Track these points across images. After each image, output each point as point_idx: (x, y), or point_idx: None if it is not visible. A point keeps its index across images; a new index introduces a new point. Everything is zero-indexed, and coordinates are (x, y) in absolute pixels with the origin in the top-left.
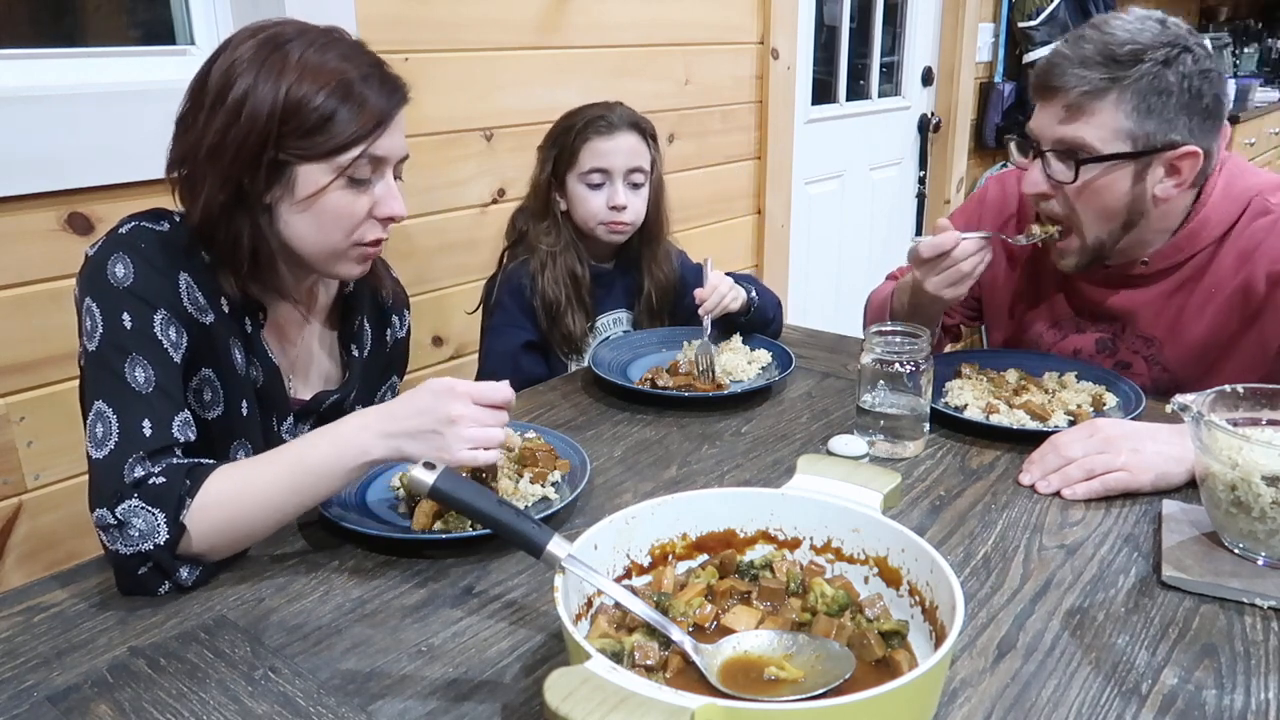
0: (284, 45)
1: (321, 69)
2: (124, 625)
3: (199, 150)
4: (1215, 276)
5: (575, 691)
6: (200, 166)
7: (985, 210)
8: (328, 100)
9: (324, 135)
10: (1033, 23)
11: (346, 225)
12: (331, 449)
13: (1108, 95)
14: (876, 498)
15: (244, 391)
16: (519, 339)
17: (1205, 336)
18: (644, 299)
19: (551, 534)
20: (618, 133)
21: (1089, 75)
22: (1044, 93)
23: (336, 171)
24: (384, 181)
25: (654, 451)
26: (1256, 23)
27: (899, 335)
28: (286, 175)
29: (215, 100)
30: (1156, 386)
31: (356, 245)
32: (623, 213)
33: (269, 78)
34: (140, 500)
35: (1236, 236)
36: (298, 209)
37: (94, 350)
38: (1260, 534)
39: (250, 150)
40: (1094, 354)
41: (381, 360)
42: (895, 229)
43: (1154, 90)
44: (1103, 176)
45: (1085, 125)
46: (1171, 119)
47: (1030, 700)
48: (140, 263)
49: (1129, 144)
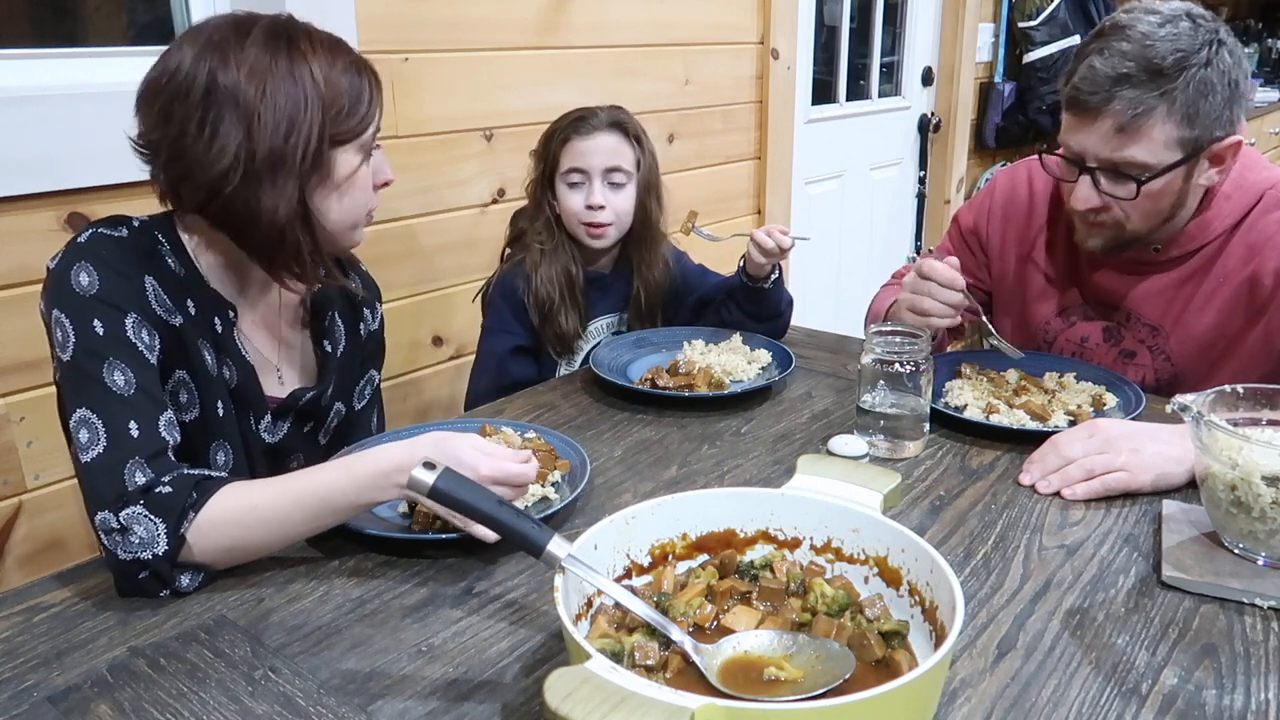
0: (289, 45)
1: (331, 59)
2: (124, 625)
3: (249, 165)
4: (1224, 268)
5: (575, 691)
6: (255, 178)
7: (995, 203)
8: (351, 84)
9: (356, 116)
10: (1033, 23)
11: (365, 200)
12: (352, 488)
13: (1156, 111)
14: (876, 498)
15: (218, 392)
16: (508, 343)
17: (1210, 328)
18: (634, 301)
19: (551, 534)
20: (596, 133)
21: (1138, 96)
22: (1086, 112)
23: (364, 150)
24: (378, 151)
25: (654, 451)
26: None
27: (899, 335)
28: (325, 163)
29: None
30: (1159, 378)
31: (365, 215)
32: (600, 213)
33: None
34: (144, 508)
35: (1248, 229)
36: (332, 193)
37: (69, 360)
38: (1260, 534)
39: (312, 150)
40: (1100, 342)
41: (358, 355)
42: (895, 229)
43: (1200, 95)
44: (1157, 184)
45: (1139, 147)
46: (1217, 115)
47: (1030, 700)
48: (104, 269)
49: (1180, 151)
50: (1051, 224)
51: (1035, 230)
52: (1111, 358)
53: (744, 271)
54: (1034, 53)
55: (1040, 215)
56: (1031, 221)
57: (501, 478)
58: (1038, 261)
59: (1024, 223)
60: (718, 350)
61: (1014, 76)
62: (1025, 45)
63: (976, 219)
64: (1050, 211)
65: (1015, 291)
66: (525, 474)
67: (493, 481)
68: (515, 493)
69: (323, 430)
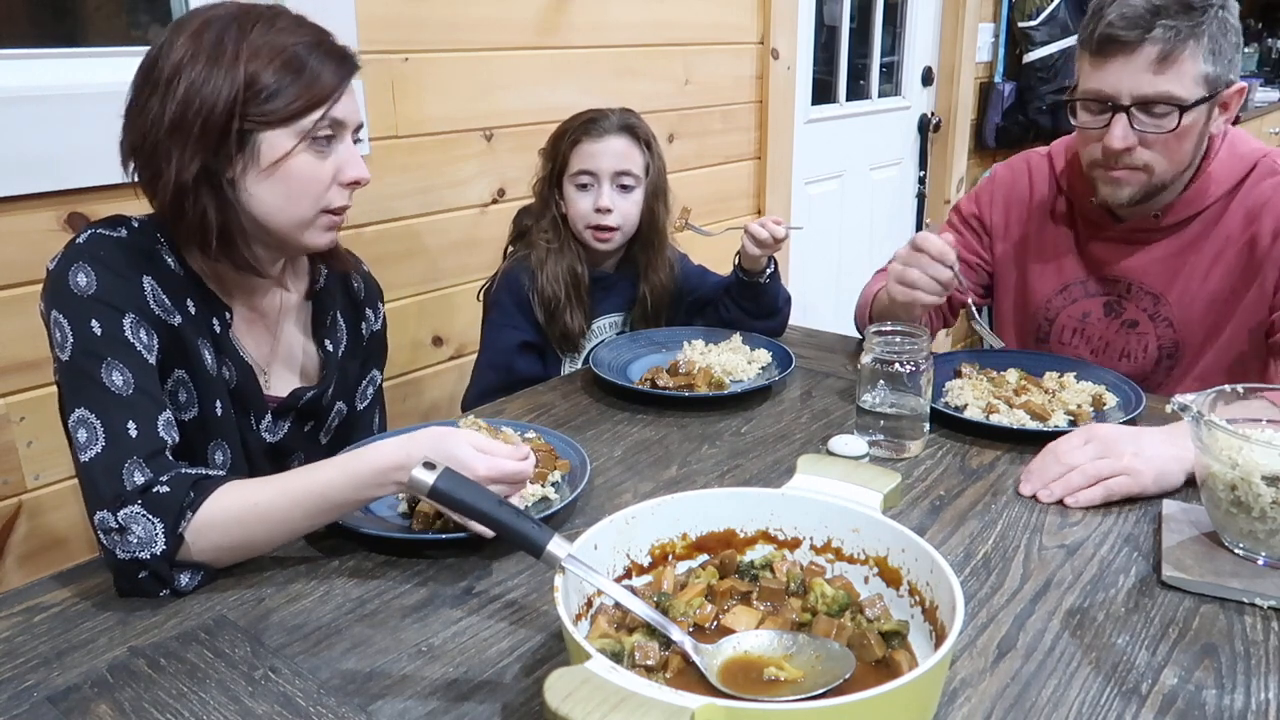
0: (232, 22)
1: (274, 40)
2: (124, 625)
3: (159, 130)
4: (1223, 232)
5: (575, 691)
6: (162, 146)
7: (996, 189)
8: (284, 67)
9: (285, 100)
10: (1033, 23)
11: (314, 192)
12: (350, 485)
13: (1189, 43)
14: (876, 498)
15: (217, 391)
16: (515, 339)
17: (1211, 293)
18: (639, 304)
19: (551, 534)
20: (607, 135)
21: (1176, 25)
22: (1123, 47)
23: (299, 136)
24: (344, 145)
25: (654, 451)
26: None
27: (899, 335)
28: (251, 144)
29: (169, 81)
30: (1161, 345)
31: (324, 213)
32: (608, 215)
33: (223, 54)
34: (142, 507)
35: (1245, 194)
36: (264, 178)
37: (67, 360)
38: (1260, 534)
39: (216, 123)
40: (1102, 317)
41: (359, 354)
42: (895, 229)
43: (1221, 32)
44: (1189, 122)
45: (1175, 78)
46: (1231, 58)
47: (1030, 700)
48: (102, 270)
49: (1205, 89)
50: (1052, 206)
51: (1036, 212)
52: (1114, 330)
53: (739, 267)
54: (1034, 53)
55: (1040, 199)
56: (1032, 205)
57: (499, 476)
58: (1039, 241)
59: (1025, 206)
60: (718, 350)
61: (1014, 76)
62: (1025, 45)
63: (979, 204)
64: (1051, 195)
65: (1017, 271)
66: (522, 471)
67: (490, 480)
68: (513, 489)
69: (324, 430)
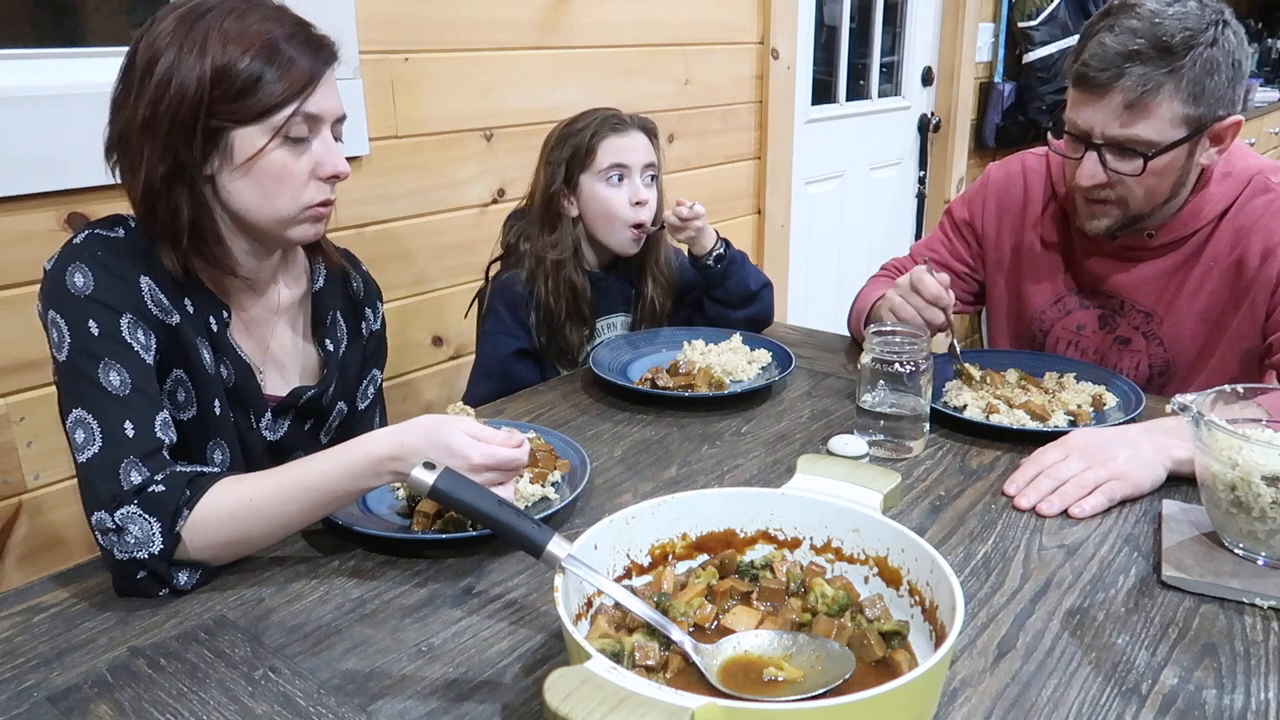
0: (204, 16)
1: (244, 34)
2: (124, 625)
3: (133, 126)
4: (1213, 252)
5: (575, 691)
6: (135, 142)
7: (989, 194)
8: (254, 63)
9: (254, 97)
10: (1033, 23)
11: (291, 188)
12: (345, 476)
13: (1164, 88)
14: (876, 498)
15: (215, 391)
16: (511, 346)
17: (1202, 313)
18: (646, 304)
19: (551, 534)
20: (631, 130)
21: (1147, 72)
22: (1094, 89)
23: (272, 132)
24: (322, 140)
25: (654, 451)
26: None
27: (899, 335)
28: (223, 142)
29: (142, 78)
30: (1153, 364)
31: (305, 209)
32: (643, 209)
33: (192, 49)
34: (138, 507)
35: (1235, 213)
36: (239, 175)
37: (65, 360)
38: (1260, 534)
39: (183, 120)
40: (1096, 329)
41: (359, 354)
42: (895, 229)
43: (1206, 73)
44: (1161, 161)
45: (1146, 124)
46: (1221, 94)
47: (1030, 700)
48: (99, 270)
49: (1185, 129)
50: (1046, 214)
51: (1030, 220)
52: (1107, 345)
53: (690, 256)
54: (1034, 53)
55: (1035, 205)
56: (1026, 211)
57: (493, 463)
58: (1033, 251)
59: (1019, 213)
60: (718, 350)
61: (1014, 76)
62: (1025, 45)
63: (971, 210)
64: (1045, 201)
65: (1010, 280)
66: (517, 458)
67: (485, 467)
68: (508, 477)
69: (324, 429)
